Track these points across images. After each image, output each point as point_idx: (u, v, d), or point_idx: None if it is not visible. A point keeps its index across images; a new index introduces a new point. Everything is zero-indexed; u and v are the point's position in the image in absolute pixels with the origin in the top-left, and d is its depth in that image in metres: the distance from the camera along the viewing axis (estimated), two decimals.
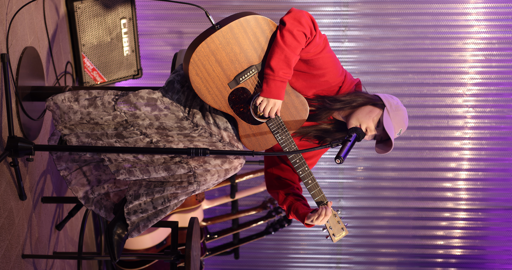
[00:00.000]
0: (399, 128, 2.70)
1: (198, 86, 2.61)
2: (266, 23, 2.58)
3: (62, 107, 2.77)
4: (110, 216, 2.91)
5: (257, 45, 2.60)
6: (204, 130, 2.75)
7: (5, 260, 2.86)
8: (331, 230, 2.80)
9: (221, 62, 2.59)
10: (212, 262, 5.40)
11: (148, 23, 4.70)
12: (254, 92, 2.67)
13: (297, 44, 2.55)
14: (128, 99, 2.74)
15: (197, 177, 2.70)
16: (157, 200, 2.74)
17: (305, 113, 2.73)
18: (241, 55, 2.60)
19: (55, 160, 2.89)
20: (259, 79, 2.66)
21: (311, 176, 2.74)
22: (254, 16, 2.56)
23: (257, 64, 2.63)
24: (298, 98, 2.72)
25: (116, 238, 2.79)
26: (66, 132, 2.78)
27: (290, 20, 2.55)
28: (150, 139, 2.73)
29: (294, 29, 2.54)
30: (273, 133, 2.73)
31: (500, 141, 4.99)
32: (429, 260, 5.39)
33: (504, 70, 4.80)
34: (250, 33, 2.58)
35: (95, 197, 2.89)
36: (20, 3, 3.11)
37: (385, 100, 2.71)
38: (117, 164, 2.74)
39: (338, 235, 2.81)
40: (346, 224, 2.80)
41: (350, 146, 2.61)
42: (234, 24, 2.55)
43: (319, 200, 2.76)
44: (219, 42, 2.56)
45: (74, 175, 2.88)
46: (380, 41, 4.76)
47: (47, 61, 3.53)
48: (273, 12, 4.67)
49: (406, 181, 5.13)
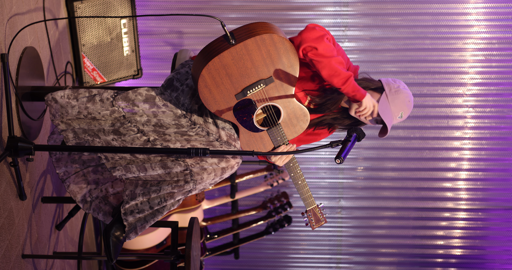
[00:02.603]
0: (399, 111, 2.73)
1: (205, 96, 2.66)
2: (281, 41, 2.60)
3: (60, 102, 2.78)
4: (108, 220, 2.91)
5: (269, 61, 2.63)
6: (202, 129, 2.76)
7: (5, 260, 2.86)
8: (311, 221, 2.94)
9: (231, 75, 2.62)
10: (212, 262, 5.40)
11: (148, 23, 4.70)
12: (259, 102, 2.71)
13: (329, 53, 2.61)
14: (127, 96, 2.75)
15: (193, 175, 2.70)
16: (154, 200, 2.75)
17: (305, 123, 2.79)
18: (252, 70, 2.63)
19: (54, 163, 2.90)
20: (266, 92, 2.69)
21: (302, 177, 2.84)
22: (270, 35, 2.58)
23: (266, 79, 2.66)
24: (301, 110, 2.77)
25: (113, 239, 2.80)
26: (63, 127, 2.79)
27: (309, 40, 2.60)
28: (147, 138, 2.74)
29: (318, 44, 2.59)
30: (272, 140, 2.79)
31: (500, 141, 4.99)
32: (429, 260, 5.39)
33: (504, 70, 4.80)
34: (263, 50, 2.60)
35: (93, 201, 2.90)
36: (20, 3, 3.11)
37: (385, 85, 2.77)
38: (114, 161, 2.75)
39: (317, 224, 2.94)
40: (325, 215, 2.95)
41: (350, 146, 2.63)
42: (249, 42, 2.57)
43: (308, 203, 2.89)
44: (232, 58, 2.58)
45: (73, 179, 2.89)
46: (380, 41, 4.76)
47: (47, 61, 3.53)
48: (273, 12, 4.67)
49: (406, 181, 5.13)
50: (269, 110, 2.75)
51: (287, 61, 2.64)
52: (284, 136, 2.78)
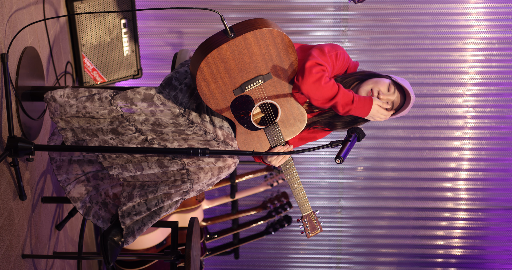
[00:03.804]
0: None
1: (203, 90, 2.64)
2: (280, 36, 2.59)
3: (59, 101, 2.78)
4: (107, 226, 2.92)
5: (268, 57, 2.62)
6: (199, 128, 2.76)
7: (5, 260, 2.86)
8: (307, 228, 2.89)
9: (229, 70, 2.61)
10: (212, 262, 5.40)
11: (148, 23, 4.70)
12: (257, 100, 2.70)
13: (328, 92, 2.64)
14: (125, 95, 2.76)
15: (190, 174, 2.71)
16: (151, 201, 2.75)
17: (303, 124, 2.79)
18: (250, 65, 2.62)
19: (55, 171, 2.90)
20: (264, 88, 2.68)
21: (298, 180, 2.84)
22: (270, 29, 2.57)
23: (264, 75, 2.65)
24: (299, 109, 2.76)
25: (111, 243, 2.80)
26: (62, 124, 2.79)
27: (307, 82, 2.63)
28: (145, 137, 2.74)
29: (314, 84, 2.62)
30: (269, 139, 2.79)
31: (500, 141, 4.99)
32: (429, 260, 5.39)
33: (504, 70, 4.80)
34: (262, 45, 2.59)
35: (92, 207, 2.90)
36: (20, 3, 3.11)
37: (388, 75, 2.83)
38: (111, 160, 2.75)
39: (312, 232, 2.90)
40: (321, 223, 2.90)
41: (350, 146, 2.63)
42: (248, 35, 2.56)
43: (304, 208, 2.86)
44: (231, 51, 2.57)
45: (73, 185, 2.89)
46: (380, 41, 4.77)
47: (47, 61, 3.53)
48: (273, 12, 4.67)
49: (406, 181, 5.13)
50: (267, 109, 2.75)
51: (286, 57, 2.63)
52: (281, 136, 2.78)
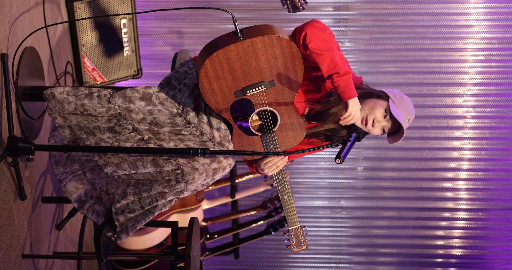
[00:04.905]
0: (407, 116, 2.73)
1: (204, 87, 2.64)
2: (289, 45, 2.58)
3: (58, 97, 2.78)
4: (100, 221, 2.92)
5: (274, 64, 2.61)
6: (196, 128, 2.76)
7: (5, 260, 2.86)
8: (292, 242, 2.90)
9: (234, 71, 2.60)
10: (212, 262, 5.40)
11: (148, 23, 4.70)
12: (257, 105, 2.69)
13: (329, 43, 2.58)
14: (124, 93, 2.76)
15: (185, 175, 2.71)
16: (145, 200, 2.75)
17: (301, 136, 2.79)
18: (255, 70, 2.61)
19: (53, 165, 2.91)
20: (266, 95, 2.67)
21: (289, 193, 2.83)
22: (279, 37, 2.56)
23: (268, 81, 2.64)
24: (298, 121, 2.76)
25: (104, 239, 2.81)
26: (60, 121, 2.80)
27: (309, 30, 2.59)
28: (141, 136, 2.75)
29: (318, 34, 2.57)
30: (264, 147, 2.79)
31: (500, 141, 4.99)
32: (429, 260, 5.39)
33: (504, 70, 4.80)
34: (270, 52, 2.58)
35: (87, 201, 2.90)
36: (20, 3, 3.11)
37: (388, 92, 2.77)
38: (106, 159, 2.76)
39: (297, 248, 2.91)
40: (308, 240, 2.91)
41: (350, 146, 2.62)
42: (257, 40, 2.55)
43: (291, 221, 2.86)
44: (237, 53, 2.57)
45: (70, 179, 2.89)
46: (380, 41, 4.77)
47: (47, 61, 3.53)
48: (273, 12, 4.67)
49: (406, 181, 5.13)
50: (266, 116, 2.75)
51: (292, 67, 2.62)
52: (277, 145, 2.77)
